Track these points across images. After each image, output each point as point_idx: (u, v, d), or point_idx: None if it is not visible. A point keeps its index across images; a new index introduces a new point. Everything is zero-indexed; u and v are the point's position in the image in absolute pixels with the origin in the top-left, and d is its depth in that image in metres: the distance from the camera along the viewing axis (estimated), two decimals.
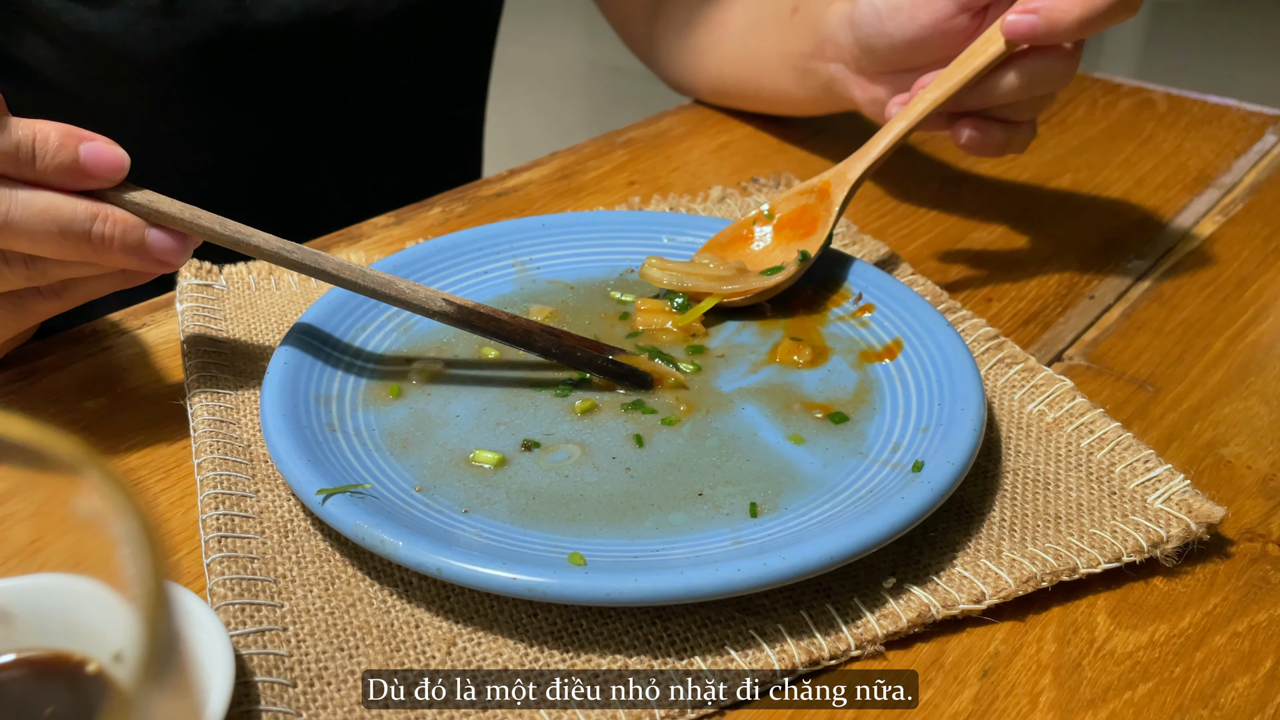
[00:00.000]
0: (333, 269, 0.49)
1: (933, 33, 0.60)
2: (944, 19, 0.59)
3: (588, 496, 0.45)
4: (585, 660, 0.39)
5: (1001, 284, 0.64)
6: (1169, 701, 0.39)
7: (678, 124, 0.85)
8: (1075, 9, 0.53)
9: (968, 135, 0.59)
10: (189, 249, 0.46)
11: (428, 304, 0.50)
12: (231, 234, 0.47)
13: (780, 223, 0.60)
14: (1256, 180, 0.76)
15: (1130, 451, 0.48)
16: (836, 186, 0.59)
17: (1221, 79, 3.07)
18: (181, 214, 0.46)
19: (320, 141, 0.82)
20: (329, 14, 0.75)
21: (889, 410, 0.49)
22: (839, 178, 0.59)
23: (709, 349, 0.54)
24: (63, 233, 0.43)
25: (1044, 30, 0.53)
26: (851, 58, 0.66)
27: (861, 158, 0.59)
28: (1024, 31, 0.54)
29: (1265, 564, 0.44)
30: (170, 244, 0.45)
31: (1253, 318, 0.61)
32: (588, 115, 3.15)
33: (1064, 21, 0.53)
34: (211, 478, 0.46)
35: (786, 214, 0.60)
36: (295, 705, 0.37)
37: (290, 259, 0.48)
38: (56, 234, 0.43)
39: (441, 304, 0.50)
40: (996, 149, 0.60)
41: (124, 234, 0.44)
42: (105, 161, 0.43)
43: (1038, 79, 0.56)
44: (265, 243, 0.48)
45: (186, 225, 0.46)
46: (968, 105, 0.59)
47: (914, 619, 0.40)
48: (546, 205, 0.73)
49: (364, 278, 0.49)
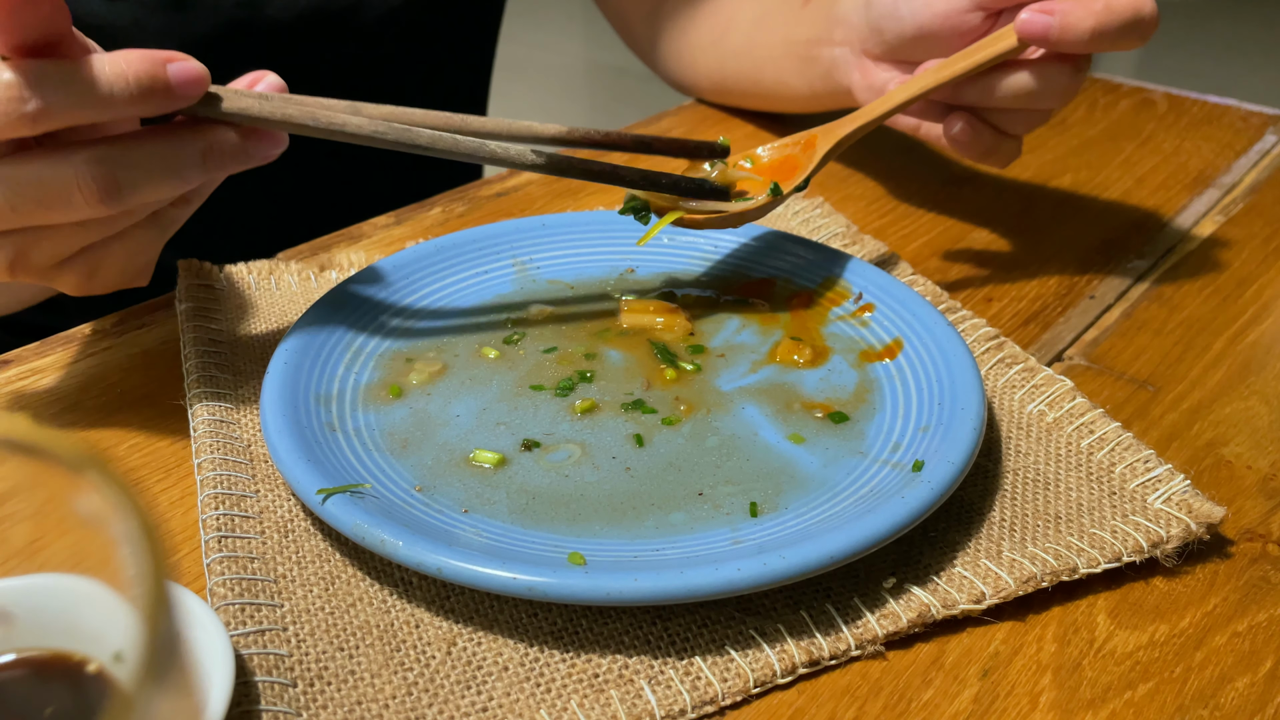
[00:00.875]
0: (426, 141, 0.50)
1: (944, 24, 0.60)
2: (957, 12, 0.59)
3: (588, 496, 0.45)
4: (585, 660, 0.39)
5: (1001, 284, 0.64)
6: (1169, 701, 0.39)
7: (678, 124, 0.85)
8: (1090, 19, 0.53)
9: (959, 128, 0.60)
10: (284, 140, 0.48)
11: (520, 159, 0.52)
12: (325, 124, 0.48)
13: (760, 168, 0.60)
14: (1256, 180, 0.76)
15: (1130, 451, 0.48)
16: (823, 139, 0.59)
17: (1221, 79, 3.07)
18: (272, 114, 0.47)
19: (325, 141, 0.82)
20: (336, 8, 0.75)
21: (889, 410, 0.49)
22: (827, 132, 0.59)
23: (709, 349, 0.54)
24: (181, 178, 0.45)
25: (1057, 33, 0.53)
26: (859, 39, 0.67)
27: (854, 119, 0.59)
28: (1037, 31, 0.54)
29: (1265, 564, 0.44)
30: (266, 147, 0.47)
31: (1253, 318, 0.61)
32: (588, 115, 3.15)
33: (1077, 29, 0.53)
34: (211, 478, 0.46)
35: (770, 160, 0.60)
36: (295, 705, 0.37)
37: (386, 139, 0.49)
38: (178, 180, 0.45)
39: (532, 157, 0.52)
40: (981, 152, 0.60)
41: (228, 153, 0.46)
42: (191, 78, 0.44)
43: (1039, 87, 0.57)
44: (359, 129, 0.49)
45: (279, 124, 0.47)
46: (966, 99, 0.59)
47: (914, 619, 0.40)
48: (546, 205, 0.73)
49: (456, 144, 0.50)
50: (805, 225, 0.68)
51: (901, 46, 0.63)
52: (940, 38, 0.61)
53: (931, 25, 0.61)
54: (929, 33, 0.61)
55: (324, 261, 0.64)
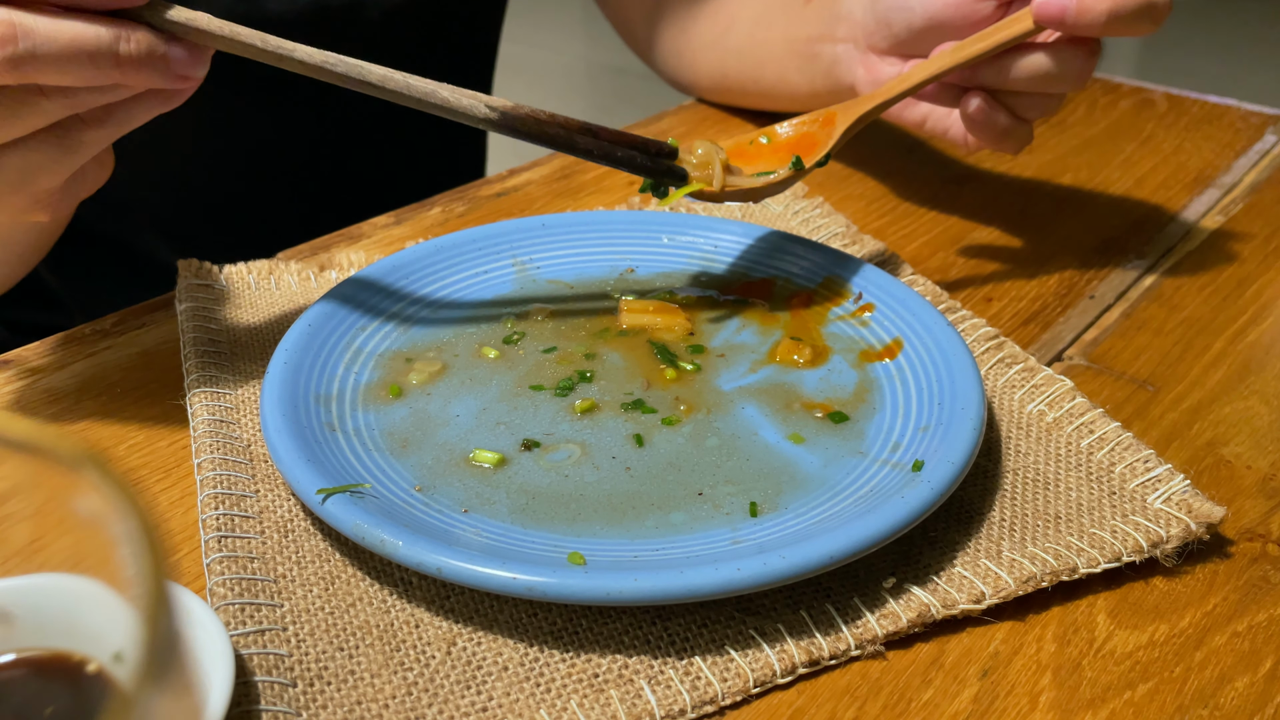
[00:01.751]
0: (377, 79, 0.48)
1: (954, 13, 0.60)
2: (968, 1, 0.59)
3: (588, 496, 0.45)
4: (585, 660, 0.39)
5: (1001, 284, 0.64)
6: (1169, 701, 0.39)
7: (678, 124, 0.85)
8: (1106, 1, 0.53)
9: (976, 105, 0.59)
10: (206, 61, 0.46)
11: (471, 111, 0.50)
12: (274, 49, 0.47)
13: (779, 144, 0.60)
14: (1256, 180, 0.76)
15: (1130, 451, 0.48)
16: (843, 116, 0.59)
17: (1221, 79, 3.07)
18: (220, 30, 0.45)
19: (324, 134, 0.82)
20: (337, 5, 0.75)
21: (889, 410, 0.49)
22: (846, 110, 0.59)
23: (709, 349, 0.54)
24: (90, 59, 0.42)
25: (1074, 15, 0.53)
26: (864, 34, 0.66)
27: (873, 98, 0.59)
28: (1054, 13, 0.54)
29: (1265, 564, 0.44)
30: (186, 57, 0.45)
31: (1253, 318, 0.61)
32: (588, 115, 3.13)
33: (1094, 11, 0.53)
34: (211, 478, 0.46)
35: (789, 137, 0.60)
36: (295, 705, 0.37)
37: (334, 71, 0.47)
38: (86, 61, 0.42)
39: (485, 110, 0.50)
40: (997, 135, 0.60)
41: (148, 52, 0.44)
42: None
43: (1054, 70, 0.57)
44: (308, 56, 0.47)
45: (227, 42, 0.46)
46: (980, 82, 0.59)
47: (914, 619, 0.40)
48: (546, 205, 0.73)
49: (408, 88, 0.49)
50: (805, 225, 0.68)
51: (909, 39, 0.63)
52: (950, 27, 0.61)
53: (942, 15, 0.60)
54: (939, 22, 0.61)
55: (324, 261, 0.64)
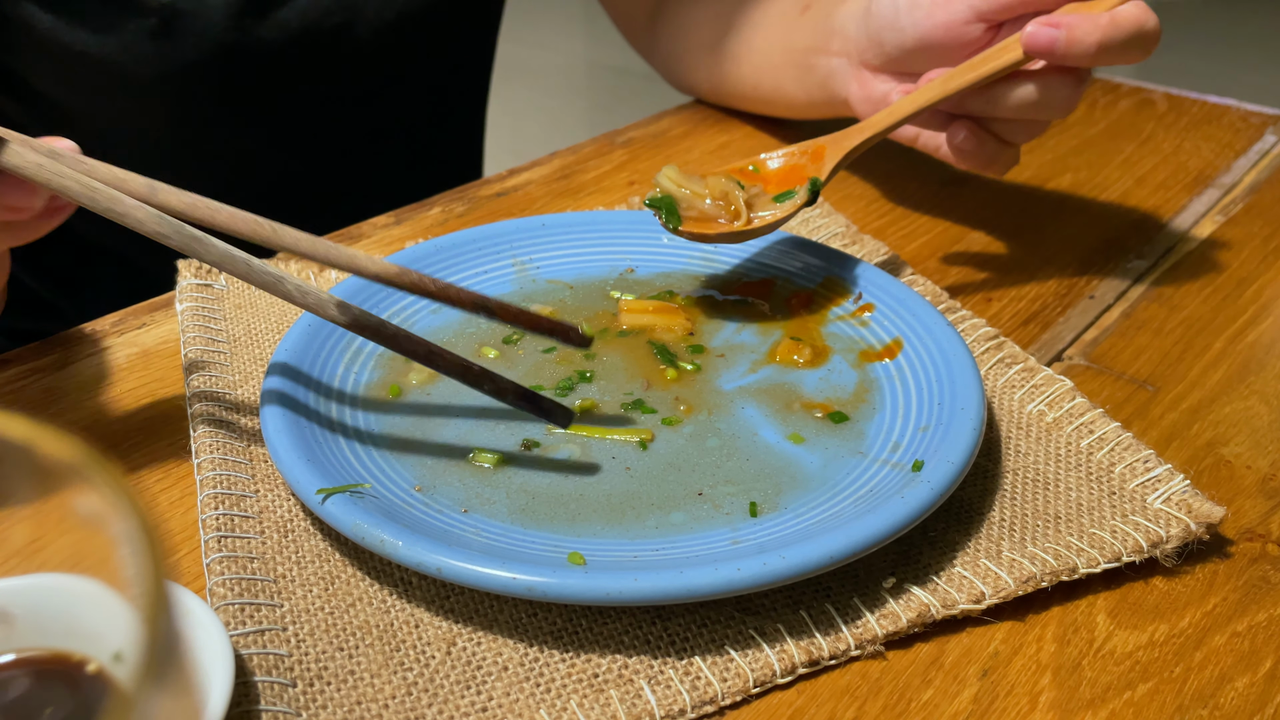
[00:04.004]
0: (214, 259, 0.44)
1: (945, 35, 0.60)
2: (959, 23, 0.59)
3: (588, 496, 0.45)
4: (585, 660, 0.39)
5: (1001, 284, 0.64)
6: (1169, 701, 0.39)
7: (678, 124, 0.85)
8: (1096, 33, 0.53)
9: (963, 137, 0.59)
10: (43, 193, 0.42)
11: (319, 309, 0.46)
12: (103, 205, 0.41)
13: (767, 176, 0.59)
14: (1256, 180, 0.76)
15: (1130, 451, 0.48)
16: (832, 150, 0.59)
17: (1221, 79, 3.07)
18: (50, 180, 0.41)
19: (321, 148, 0.82)
20: (328, 26, 0.75)
21: (889, 410, 0.49)
22: (835, 143, 0.59)
23: (709, 349, 0.54)
24: None
25: (1063, 46, 0.53)
26: (857, 50, 0.66)
27: (862, 130, 0.59)
28: (1044, 44, 0.54)
29: (1265, 564, 0.44)
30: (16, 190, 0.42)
31: (1253, 318, 0.61)
32: (588, 115, 3.15)
33: (1083, 43, 0.53)
34: (211, 477, 0.46)
35: (776, 169, 0.60)
36: (295, 705, 0.37)
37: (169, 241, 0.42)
38: None
39: (333, 311, 0.46)
40: (985, 161, 0.60)
41: None
42: None
43: (1043, 99, 0.57)
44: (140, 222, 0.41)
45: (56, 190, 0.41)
46: (969, 109, 0.59)
47: (914, 619, 0.40)
48: (546, 205, 0.73)
49: (249, 271, 0.45)
50: (805, 225, 0.68)
51: (901, 58, 0.63)
52: (941, 49, 0.60)
53: (932, 36, 0.60)
54: (929, 44, 0.61)
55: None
